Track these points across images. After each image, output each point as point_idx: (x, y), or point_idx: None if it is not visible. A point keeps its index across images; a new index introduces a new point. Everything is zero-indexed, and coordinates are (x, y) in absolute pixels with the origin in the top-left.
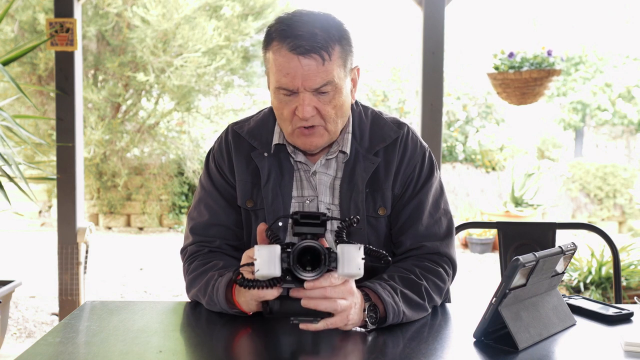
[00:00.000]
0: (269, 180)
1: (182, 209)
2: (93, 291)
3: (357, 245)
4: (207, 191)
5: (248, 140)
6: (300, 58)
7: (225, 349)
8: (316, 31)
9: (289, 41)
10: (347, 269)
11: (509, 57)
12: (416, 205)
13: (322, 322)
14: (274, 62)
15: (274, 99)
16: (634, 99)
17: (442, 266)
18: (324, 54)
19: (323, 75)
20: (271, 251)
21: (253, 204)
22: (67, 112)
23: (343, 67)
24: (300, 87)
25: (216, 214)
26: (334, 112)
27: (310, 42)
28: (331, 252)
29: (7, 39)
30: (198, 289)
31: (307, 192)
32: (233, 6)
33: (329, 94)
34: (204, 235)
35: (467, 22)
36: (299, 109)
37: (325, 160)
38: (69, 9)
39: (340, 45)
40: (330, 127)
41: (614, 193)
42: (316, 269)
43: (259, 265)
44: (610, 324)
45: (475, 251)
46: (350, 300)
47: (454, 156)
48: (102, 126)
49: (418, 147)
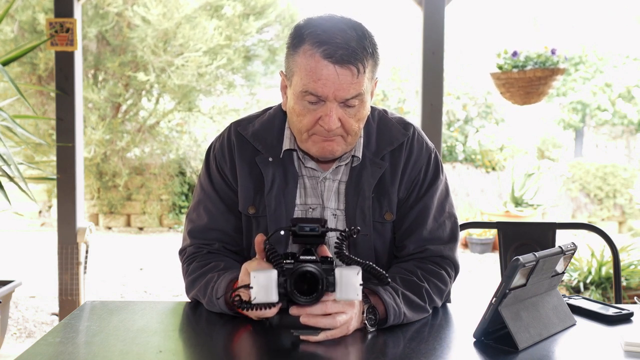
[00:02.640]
0: (272, 188)
1: (182, 209)
2: (93, 291)
3: (355, 269)
4: (207, 193)
5: (252, 144)
6: (336, 67)
7: (225, 349)
8: (352, 41)
9: (325, 47)
10: (345, 294)
11: (513, 56)
12: (421, 210)
13: (322, 334)
14: (304, 66)
15: (296, 104)
16: (634, 99)
17: (444, 268)
18: (359, 66)
19: (356, 87)
20: (268, 277)
21: (255, 210)
22: (67, 112)
23: (371, 80)
24: (330, 96)
25: (215, 219)
26: (357, 125)
27: (348, 52)
28: (329, 275)
29: (7, 39)
30: (197, 289)
31: (311, 200)
32: (234, 5)
33: (355, 107)
34: (203, 239)
35: (467, 22)
36: (324, 119)
37: (336, 166)
38: (69, 9)
39: (373, 59)
40: (350, 140)
41: (614, 193)
42: (313, 294)
43: (255, 292)
44: (610, 324)
45: (475, 251)
46: (350, 313)
47: (454, 156)
48: (103, 126)
49: (424, 150)
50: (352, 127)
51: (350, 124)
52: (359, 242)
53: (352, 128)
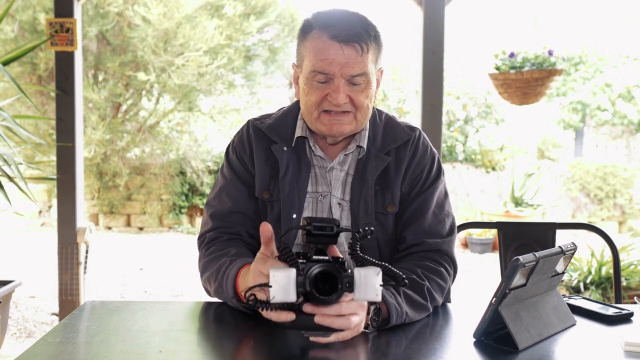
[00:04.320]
0: (286, 173)
1: (182, 209)
2: (93, 291)
3: (375, 269)
4: (229, 180)
5: (268, 135)
6: (342, 45)
7: (225, 349)
8: (357, 25)
9: (332, 29)
10: (365, 294)
11: (510, 58)
12: (421, 203)
13: (333, 335)
14: (313, 48)
15: (305, 85)
16: (634, 99)
17: (443, 265)
18: (363, 45)
19: (361, 65)
20: (287, 276)
21: (269, 195)
22: (67, 112)
23: (375, 63)
24: (337, 73)
25: (238, 202)
26: (366, 102)
27: (352, 32)
28: (347, 275)
29: (7, 39)
30: (210, 273)
31: (321, 188)
32: (235, 5)
33: (361, 85)
34: (225, 221)
35: (467, 22)
36: (332, 95)
37: (343, 156)
38: (69, 9)
39: (375, 42)
40: (360, 117)
41: (614, 193)
42: (332, 294)
43: (274, 291)
44: (610, 324)
45: (475, 251)
46: (362, 314)
47: (454, 156)
48: (103, 126)
49: (428, 151)
50: (361, 102)
51: (359, 99)
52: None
53: (361, 104)
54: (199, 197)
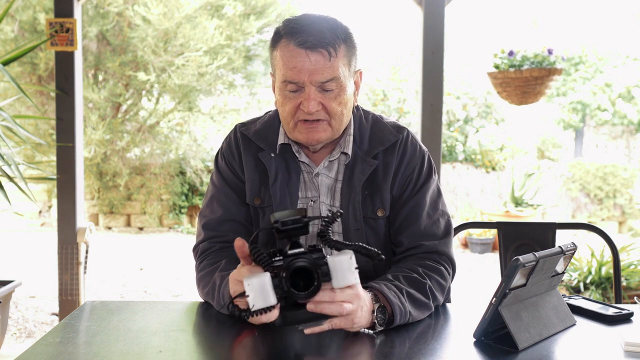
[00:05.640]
0: (276, 180)
1: (182, 209)
2: (93, 291)
3: (347, 253)
4: (219, 188)
5: (255, 142)
6: (308, 52)
7: (226, 349)
8: (323, 29)
9: (297, 37)
10: (342, 281)
11: (509, 56)
12: (414, 205)
13: (327, 323)
14: (282, 58)
15: (279, 95)
16: (634, 99)
17: (442, 264)
18: (330, 50)
19: (330, 71)
20: (262, 281)
21: (260, 201)
22: (67, 112)
23: (347, 66)
24: (306, 81)
25: (229, 210)
26: (340, 109)
27: (318, 38)
28: (322, 266)
29: (7, 39)
30: (207, 292)
31: (311, 193)
32: (235, 5)
33: (333, 91)
34: (217, 231)
35: (467, 22)
36: (304, 104)
37: (328, 162)
38: (69, 9)
39: (345, 44)
40: (334, 124)
41: (614, 193)
42: (310, 288)
43: (253, 300)
44: (610, 324)
45: (475, 251)
46: (357, 304)
47: (454, 156)
48: (103, 126)
49: (417, 151)
50: (334, 109)
51: (331, 106)
52: (352, 238)
53: (334, 111)
54: (199, 197)
